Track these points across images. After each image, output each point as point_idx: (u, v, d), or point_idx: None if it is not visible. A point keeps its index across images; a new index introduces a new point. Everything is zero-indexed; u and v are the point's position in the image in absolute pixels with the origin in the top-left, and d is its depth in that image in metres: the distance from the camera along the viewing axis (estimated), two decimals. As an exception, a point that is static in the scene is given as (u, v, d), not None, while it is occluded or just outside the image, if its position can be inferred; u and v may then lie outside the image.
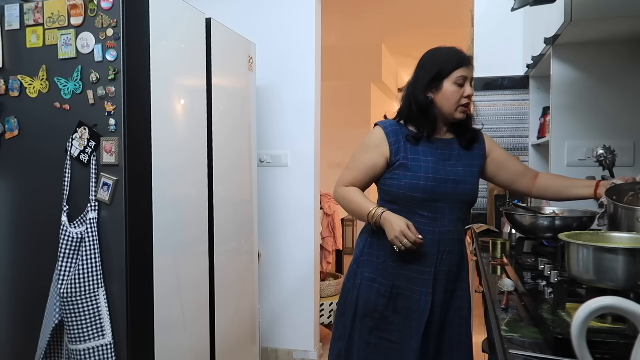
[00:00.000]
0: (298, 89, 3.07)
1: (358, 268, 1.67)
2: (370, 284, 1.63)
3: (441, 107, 1.60)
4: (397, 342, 1.61)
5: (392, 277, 1.61)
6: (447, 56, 1.60)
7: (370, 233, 1.67)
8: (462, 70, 1.58)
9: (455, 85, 1.58)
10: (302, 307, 3.11)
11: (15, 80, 1.87)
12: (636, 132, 1.85)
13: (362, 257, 1.67)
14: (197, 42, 2.17)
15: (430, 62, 1.62)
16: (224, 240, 2.36)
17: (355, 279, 1.66)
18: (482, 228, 2.43)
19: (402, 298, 1.61)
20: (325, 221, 3.58)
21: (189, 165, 2.10)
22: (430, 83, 1.59)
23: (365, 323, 1.63)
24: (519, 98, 2.70)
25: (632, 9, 1.53)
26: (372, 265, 1.64)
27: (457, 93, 1.58)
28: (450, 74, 1.58)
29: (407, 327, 1.61)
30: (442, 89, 1.59)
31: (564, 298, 1.06)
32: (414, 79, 1.65)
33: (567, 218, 1.60)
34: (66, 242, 1.73)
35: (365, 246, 1.68)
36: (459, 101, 1.59)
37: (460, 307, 1.65)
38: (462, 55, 1.62)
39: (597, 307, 0.69)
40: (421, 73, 1.63)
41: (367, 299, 1.62)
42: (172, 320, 1.97)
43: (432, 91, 1.60)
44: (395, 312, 1.61)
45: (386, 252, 1.61)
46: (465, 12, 3.25)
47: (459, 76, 1.58)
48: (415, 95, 1.61)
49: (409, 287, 1.61)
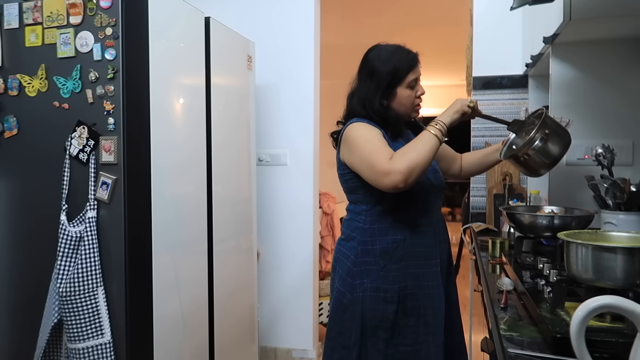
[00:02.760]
0: (297, 88, 3.07)
1: (354, 280, 1.55)
2: (375, 293, 1.53)
3: (398, 111, 1.61)
4: (412, 344, 1.55)
5: (397, 280, 1.53)
6: (397, 61, 1.57)
7: (358, 241, 1.57)
8: (413, 73, 1.58)
9: (408, 90, 1.59)
10: (301, 306, 3.11)
11: (15, 80, 1.87)
12: (635, 131, 1.85)
13: (357, 268, 1.55)
14: (196, 41, 2.17)
15: (381, 69, 1.57)
16: (223, 239, 2.36)
17: (354, 292, 1.54)
18: (481, 227, 2.44)
19: (411, 298, 1.55)
20: (324, 220, 3.59)
21: (188, 164, 2.10)
22: (384, 92, 1.58)
23: (379, 335, 1.53)
24: (518, 97, 2.70)
25: (631, 8, 1.53)
26: (372, 274, 1.54)
27: (410, 97, 1.60)
28: (402, 81, 1.57)
29: (421, 326, 1.55)
30: (397, 96, 1.59)
31: (563, 297, 1.06)
32: (365, 87, 1.60)
33: (566, 217, 1.60)
34: (65, 241, 1.73)
35: (357, 256, 1.56)
36: (413, 103, 1.62)
37: (452, 292, 1.70)
38: (411, 56, 1.60)
39: (596, 306, 0.69)
40: (372, 82, 1.58)
41: (375, 310, 1.53)
42: (171, 319, 1.97)
43: (387, 98, 1.59)
44: (406, 314, 1.55)
45: (384, 257, 1.54)
46: (465, 12, 3.25)
47: (411, 80, 1.58)
48: (371, 103, 1.58)
49: (419, 284, 1.56)
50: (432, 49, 5.12)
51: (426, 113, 1.86)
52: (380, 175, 1.41)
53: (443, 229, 1.67)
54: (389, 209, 1.56)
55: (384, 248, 1.54)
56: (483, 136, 2.74)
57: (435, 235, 1.61)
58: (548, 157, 1.52)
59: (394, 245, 1.54)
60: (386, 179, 1.39)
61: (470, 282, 2.57)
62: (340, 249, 1.63)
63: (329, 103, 3.34)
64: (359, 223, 1.59)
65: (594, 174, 1.67)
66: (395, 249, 1.54)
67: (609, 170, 1.62)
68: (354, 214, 1.63)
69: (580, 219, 1.58)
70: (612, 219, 1.53)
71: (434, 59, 5.62)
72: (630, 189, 1.51)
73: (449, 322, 1.62)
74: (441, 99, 7.63)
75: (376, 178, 1.43)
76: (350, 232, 1.61)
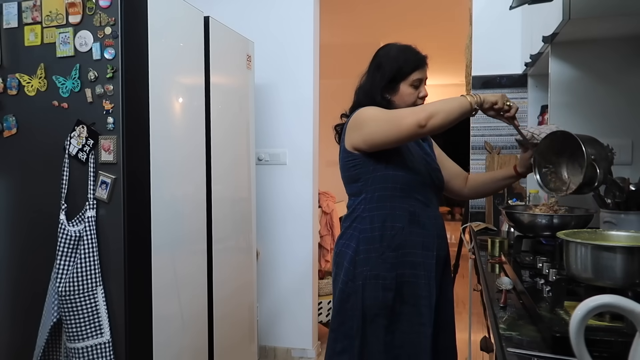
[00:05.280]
0: (297, 87, 3.07)
1: (356, 269, 1.58)
2: (375, 281, 1.55)
3: (399, 107, 1.62)
4: (408, 332, 1.58)
5: (394, 267, 1.56)
6: (404, 58, 1.62)
7: (359, 230, 1.59)
8: (419, 73, 1.62)
9: (411, 88, 1.62)
10: (301, 305, 3.11)
11: (14, 79, 1.87)
12: (634, 130, 1.85)
13: (359, 256, 1.58)
14: (196, 40, 2.16)
15: (387, 64, 1.62)
16: (223, 239, 2.36)
17: (355, 281, 1.57)
18: (481, 226, 2.44)
19: (408, 286, 1.57)
20: (323, 219, 3.59)
21: (188, 164, 2.10)
22: (387, 85, 1.62)
23: (379, 323, 1.56)
24: (517, 96, 2.70)
25: (630, 7, 1.53)
26: (372, 261, 1.56)
27: (413, 95, 1.63)
28: (406, 78, 1.61)
29: (416, 315, 1.58)
30: (399, 91, 1.62)
31: (562, 296, 1.06)
32: (371, 80, 1.65)
33: (565, 216, 1.60)
34: (65, 240, 1.73)
35: (359, 244, 1.58)
36: (414, 102, 1.63)
37: (448, 290, 1.71)
38: (419, 57, 1.64)
39: (595, 306, 0.69)
40: (377, 75, 1.63)
41: (375, 297, 1.55)
42: (171, 318, 1.97)
43: (390, 93, 1.63)
44: (403, 302, 1.57)
45: (383, 243, 1.56)
46: (464, 10, 3.25)
47: (415, 79, 1.62)
48: (373, 96, 1.63)
49: (415, 272, 1.58)
50: (431, 49, 5.08)
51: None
52: (404, 117, 1.46)
53: (441, 226, 1.69)
54: (388, 196, 1.58)
55: (383, 235, 1.56)
56: (482, 135, 2.74)
57: (433, 229, 1.63)
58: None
59: (392, 232, 1.56)
60: (409, 117, 1.45)
61: (470, 281, 2.57)
62: (342, 242, 1.66)
63: (328, 102, 3.35)
64: (358, 212, 1.61)
65: (593, 174, 1.67)
66: (393, 236, 1.56)
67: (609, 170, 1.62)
68: (353, 206, 1.65)
69: (580, 218, 1.57)
70: (611, 219, 1.53)
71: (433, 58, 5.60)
72: (630, 188, 1.51)
73: (442, 319, 1.63)
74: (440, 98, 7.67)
75: (399, 122, 1.47)
76: (350, 224, 1.63)
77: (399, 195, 1.58)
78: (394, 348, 1.57)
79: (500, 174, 1.78)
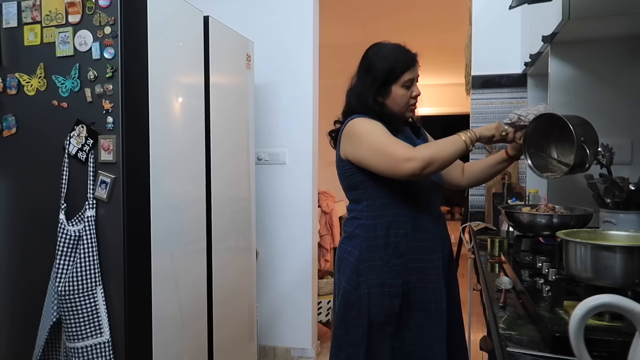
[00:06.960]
0: (296, 87, 3.07)
1: (360, 277, 1.56)
2: (380, 289, 1.54)
3: (392, 109, 1.62)
4: (418, 336, 1.57)
5: (400, 274, 1.55)
6: (394, 58, 1.59)
7: (362, 238, 1.58)
8: (410, 73, 1.60)
9: (403, 89, 1.60)
10: (300, 305, 3.11)
11: (13, 78, 1.87)
12: (634, 130, 1.85)
13: (363, 265, 1.56)
14: (195, 40, 2.16)
15: (377, 66, 1.59)
16: (222, 238, 2.36)
17: (359, 289, 1.55)
18: (480, 226, 2.44)
19: (415, 291, 1.56)
20: (323, 219, 3.59)
21: (187, 163, 2.10)
22: (379, 88, 1.60)
23: (386, 330, 1.55)
24: (517, 96, 2.70)
25: (630, 7, 1.53)
26: (376, 269, 1.55)
27: (405, 96, 1.61)
28: (398, 79, 1.59)
29: (425, 319, 1.57)
30: (392, 93, 1.61)
31: (561, 296, 1.06)
32: (361, 83, 1.63)
33: (565, 216, 1.60)
34: (64, 240, 1.73)
35: (362, 252, 1.57)
36: (407, 103, 1.63)
37: (454, 287, 1.72)
38: (409, 56, 1.61)
39: (594, 305, 0.69)
40: (368, 78, 1.61)
41: (381, 305, 1.54)
42: (170, 318, 1.97)
43: (382, 96, 1.61)
44: (411, 308, 1.57)
45: (387, 251, 1.55)
46: (464, 10, 3.25)
47: (407, 80, 1.60)
48: (365, 100, 1.60)
49: (422, 278, 1.57)
50: (430, 48, 5.11)
51: (425, 112, 1.87)
52: (400, 162, 1.44)
53: (443, 226, 1.70)
54: (390, 204, 1.57)
55: (387, 242, 1.55)
56: (482, 135, 2.73)
57: (436, 231, 1.63)
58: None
59: (396, 239, 1.55)
60: (406, 164, 1.43)
61: (469, 281, 2.57)
62: (344, 248, 1.64)
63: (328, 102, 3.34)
64: (361, 220, 1.60)
65: (592, 173, 1.67)
66: (398, 243, 1.55)
67: (608, 169, 1.62)
68: (355, 211, 1.63)
69: (579, 218, 1.57)
70: (611, 218, 1.53)
71: (432, 58, 5.62)
72: (629, 188, 1.51)
73: (450, 317, 1.63)
74: (440, 98, 7.65)
75: (395, 165, 1.45)
76: (353, 230, 1.62)
77: (401, 201, 1.58)
78: (403, 354, 1.57)
79: (493, 160, 1.78)
